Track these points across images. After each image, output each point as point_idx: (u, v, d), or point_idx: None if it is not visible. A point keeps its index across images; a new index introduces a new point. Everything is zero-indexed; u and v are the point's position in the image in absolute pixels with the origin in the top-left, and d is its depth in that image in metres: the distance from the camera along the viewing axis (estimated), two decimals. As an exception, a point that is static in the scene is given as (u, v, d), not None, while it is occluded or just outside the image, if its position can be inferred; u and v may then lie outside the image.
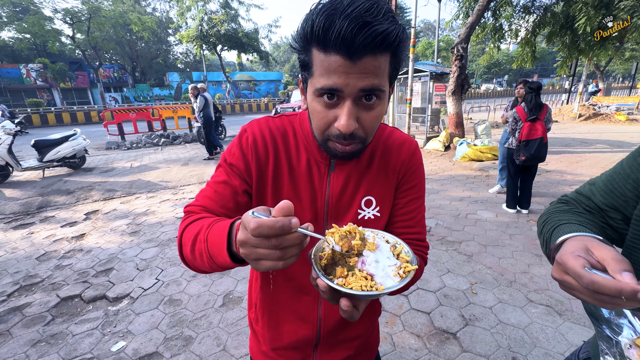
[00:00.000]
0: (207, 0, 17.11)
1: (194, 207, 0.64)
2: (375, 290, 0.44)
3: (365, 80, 0.49)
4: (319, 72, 0.51)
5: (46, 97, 25.67)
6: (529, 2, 8.35)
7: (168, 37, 34.30)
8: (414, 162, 0.72)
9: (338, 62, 0.48)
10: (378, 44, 0.47)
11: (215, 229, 0.50)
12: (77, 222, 4.02)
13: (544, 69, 51.17)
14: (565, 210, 0.67)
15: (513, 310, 2.21)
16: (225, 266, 0.49)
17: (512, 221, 3.68)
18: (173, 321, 2.21)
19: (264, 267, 0.41)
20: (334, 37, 0.46)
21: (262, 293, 0.78)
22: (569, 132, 9.78)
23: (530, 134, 3.42)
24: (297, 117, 0.72)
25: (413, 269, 0.48)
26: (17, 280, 2.73)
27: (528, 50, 8.84)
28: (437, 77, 8.35)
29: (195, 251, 0.53)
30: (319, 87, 0.51)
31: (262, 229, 0.37)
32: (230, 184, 0.65)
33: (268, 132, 0.68)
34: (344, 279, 0.46)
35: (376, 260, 0.48)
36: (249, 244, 0.39)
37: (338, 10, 0.46)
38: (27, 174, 6.57)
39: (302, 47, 0.53)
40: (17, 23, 17.28)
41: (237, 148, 0.68)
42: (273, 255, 0.39)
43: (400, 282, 0.45)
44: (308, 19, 0.49)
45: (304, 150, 0.68)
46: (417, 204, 0.73)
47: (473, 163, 6.41)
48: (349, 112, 0.51)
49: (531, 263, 2.79)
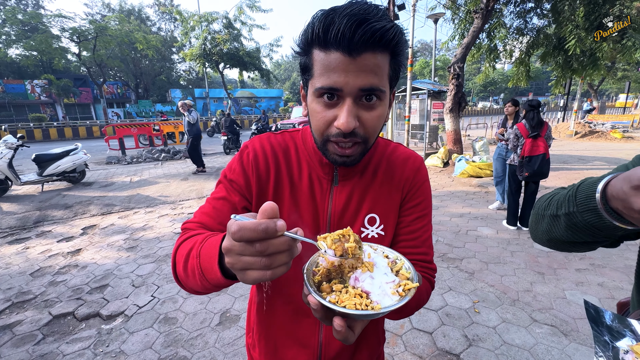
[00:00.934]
0: (211, 21, 17.66)
1: (191, 224, 0.63)
2: (371, 309, 0.40)
3: (364, 79, 0.50)
4: (319, 72, 0.51)
5: (49, 112, 25.99)
6: (522, 24, 8.65)
7: (172, 55, 35.15)
8: (419, 178, 0.70)
9: (338, 59, 0.49)
10: (377, 40, 0.48)
11: (208, 243, 0.48)
12: (73, 237, 3.97)
13: (539, 88, 52.32)
14: None
15: (517, 331, 2.15)
16: (217, 283, 0.47)
17: (513, 238, 3.65)
18: (168, 340, 2.15)
19: (251, 278, 0.38)
20: (334, 34, 0.47)
21: (258, 317, 0.74)
22: (566, 149, 9.88)
23: (532, 150, 3.46)
24: (299, 132, 0.72)
25: (414, 286, 0.43)
26: (8, 297, 2.67)
27: (522, 70, 9.08)
28: (434, 95, 8.53)
29: (187, 268, 0.51)
30: (319, 87, 0.52)
31: (244, 232, 0.35)
32: (230, 200, 0.64)
33: (269, 148, 0.68)
34: (337, 296, 0.42)
35: (371, 277, 0.44)
36: (233, 251, 0.37)
37: (337, 11, 0.48)
38: (26, 188, 6.55)
39: (303, 50, 0.54)
40: (25, 41, 17.71)
41: (237, 164, 0.67)
42: (259, 263, 0.36)
43: (400, 301, 0.41)
44: (309, 24, 0.51)
45: (306, 166, 0.67)
46: (422, 222, 0.69)
47: (472, 179, 6.43)
48: (349, 110, 0.51)
49: (534, 281, 2.75)
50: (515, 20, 8.68)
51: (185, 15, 17.78)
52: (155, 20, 34.34)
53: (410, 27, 8.11)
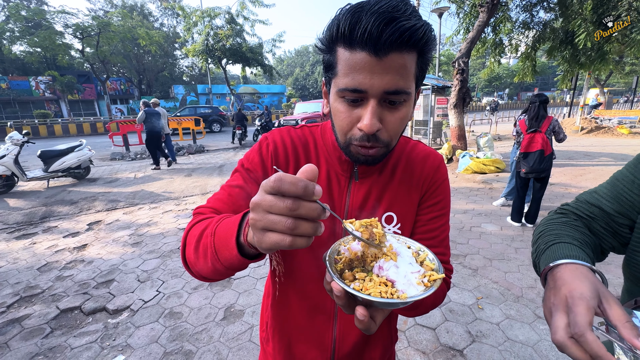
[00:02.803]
0: (213, 16, 17.59)
1: (204, 209, 0.62)
2: (397, 298, 0.39)
3: (390, 81, 0.48)
4: (344, 72, 0.50)
5: (54, 108, 26.16)
6: (528, 18, 8.52)
7: (174, 51, 35.11)
8: (439, 176, 0.68)
9: (364, 59, 0.47)
10: (405, 40, 0.46)
11: (225, 222, 0.47)
12: (79, 233, 4.02)
13: (545, 83, 51.66)
14: (563, 222, 0.66)
15: (521, 327, 2.15)
16: (230, 262, 0.45)
17: (517, 234, 3.63)
18: (173, 335, 2.17)
19: (269, 240, 0.35)
20: (360, 33, 0.45)
21: (273, 312, 0.74)
22: (572, 145, 9.77)
23: (529, 146, 3.41)
24: (318, 128, 0.71)
25: (439, 277, 0.42)
26: (17, 291, 2.71)
27: (528, 65, 8.96)
28: (438, 90, 8.45)
29: (199, 248, 0.50)
30: (343, 87, 0.50)
31: (284, 184, 0.33)
32: (246, 189, 0.63)
33: (290, 141, 0.67)
34: (361, 284, 0.41)
35: (395, 266, 0.43)
36: (261, 206, 0.35)
37: (365, 8, 0.46)
38: (32, 184, 6.61)
39: (328, 47, 0.52)
40: (28, 37, 17.78)
41: (256, 154, 0.66)
42: (283, 225, 0.34)
43: (426, 291, 0.39)
44: (335, 20, 0.49)
45: (325, 162, 0.67)
46: (440, 222, 0.68)
47: (476, 175, 6.39)
48: (373, 111, 0.50)
49: (538, 278, 2.73)
50: (522, 14, 8.55)
51: (188, 11, 17.74)
52: (157, 16, 34.25)
53: (415, 21, 8.01)
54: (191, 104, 31.58)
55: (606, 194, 0.65)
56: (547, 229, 0.65)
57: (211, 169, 7.90)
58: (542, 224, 0.70)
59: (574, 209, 0.70)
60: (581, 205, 0.69)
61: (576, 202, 0.71)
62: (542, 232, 0.66)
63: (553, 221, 0.68)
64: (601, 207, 0.65)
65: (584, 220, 0.67)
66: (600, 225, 0.65)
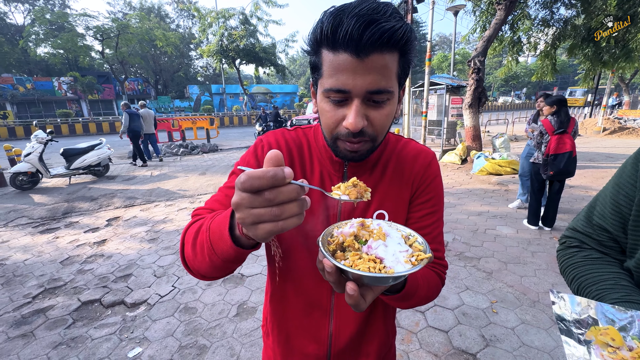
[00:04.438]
0: (228, 17, 17.85)
1: (201, 210, 0.64)
2: (385, 273, 0.40)
3: (372, 81, 0.50)
4: (328, 73, 0.52)
5: (75, 108, 27.14)
6: (548, 15, 8.27)
7: (190, 52, 35.82)
8: (430, 173, 0.69)
9: (346, 60, 0.49)
10: (385, 41, 0.47)
11: (219, 217, 0.49)
12: (99, 228, 4.16)
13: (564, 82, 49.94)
14: (594, 259, 0.64)
15: (537, 332, 2.10)
16: (227, 255, 0.46)
17: (534, 238, 3.54)
18: (188, 329, 2.23)
19: (263, 231, 0.37)
20: (342, 35, 0.47)
21: (272, 307, 0.77)
22: (593, 147, 9.43)
23: (558, 148, 3.32)
24: (311, 129, 0.73)
25: (427, 257, 0.43)
26: (41, 283, 2.84)
27: (548, 63, 8.70)
28: (453, 90, 8.31)
29: (197, 245, 0.51)
30: (327, 88, 0.52)
31: (253, 181, 0.34)
32: None
33: (284, 142, 0.69)
34: (351, 261, 0.43)
35: (384, 245, 0.45)
36: (242, 204, 0.36)
37: (346, 11, 0.47)
38: (55, 181, 6.89)
39: (313, 49, 0.54)
40: (52, 40, 18.50)
41: (252, 156, 0.68)
42: (270, 214, 0.36)
43: (413, 268, 0.41)
44: (318, 23, 0.51)
45: (318, 163, 0.69)
46: (432, 219, 0.68)
47: (491, 177, 6.26)
48: (357, 110, 0.52)
49: (556, 282, 2.67)
50: (541, 11, 8.31)
51: (203, 12, 18.04)
52: (174, 17, 35.04)
53: (429, 20, 7.91)
54: (205, 104, 32.12)
55: (610, 215, 0.63)
56: (580, 274, 0.64)
57: (225, 167, 8.03)
58: (567, 265, 0.69)
59: (585, 237, 0.68)
60: (590, 230, 0.67)
61: (583, 229, 0.69)
62: (577, 278, 0.65)
63: (579, 263, 0.67)
64: (611, 231, 0.64)
65: (600, 249, 0.66)
66: (617, 251, 0.64)
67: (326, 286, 0.68)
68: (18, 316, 2.39)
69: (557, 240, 3.38)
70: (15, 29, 26.93)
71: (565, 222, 3.94)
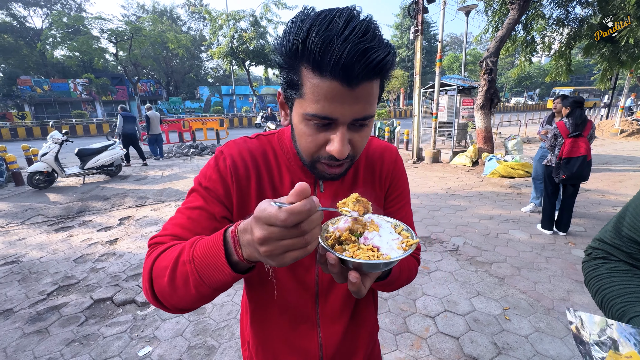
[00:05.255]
0: (238, 19, 18.04)
1: (162, 238, 0.57)
2: (383, 259, 0.45)
3: (360, 110, 0.48)
4: (312, 97, 0.47)
5: (89, 109, 27.84)
6: (563, 14, 8.08)
7: (200, 54, 36.33)
8: (398, 169, 0.73)
9: (335, 89, 0.46)
10: (377, 71, 0.46)
11: (202, 244, 0.46)
12: (111, 227, 4.24)
13: (580, 82, 48.69)
14: (621, 272, 0.62)
15: (552, 341, 2.04)
16: (222, 283, 0.45)
17: (548, 243, 3.45)
18: (197, 329, 2.25)
19: (290, 258, 0.38)
20: (334, 62, 0.43)
21: (254, 328, 0.73)
22: (610, 149, 9.15)
23: (572, 151, 3.23)
24: (274, 136, 0.69)
25: (414, 242, 0.49)
26: (56, 281, 2.90)
27: (562, 63, 8.50)
28: (464, 91, 8.19)
29: (176, 278, 0.47)
30: (312, 113, 0.48)
31: (294, 217, 0.35)
32: (208, 210, 0.59)
33: (248, 153, 0.65)
34: (352, 252, 0.47)
35: (379, 235, 0.49)
36: (273, 238, 0.36)
37: (334, 31, 0.43)
38: (69, 180, 7.06)
39: (289, 63, 0.49)
40: (68, 42, 19.01)
41: (214, 171, 0.62)
42: (302, 242, 0.37)
43: (405, 252, 0.46)
44: (299, 36, 0.45)
45: (287, 172, 0.65)
46: (405, 209, 0.73)
47: (503, 180, 6.14)
48: (343, 137, 0.50)
49: (571, 290, 2.59)
50: (555, 10, 8.13)
51: (214, 14, 18.28)
52: (185, 20, 35.59)
53: (440, 20, 7.82)
54: (215, 105, 32.49)
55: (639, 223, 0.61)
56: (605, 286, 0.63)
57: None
58: (592, 276, 0.67)
59: (612, 249, 0.66)
60: (618, 242, 0.65)
61: (612, 240, 0.67)
62: (602, 290, 0.63)
63: (604, 275, 0.65)
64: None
65: (630, 262, 0.63)
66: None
67: (310, 298, 0.68)
68: (33, 313, 2.45)
69: (575, 245, 3.29)
70: (33, 33, 27.78)
71: (580, 227, 3.83)
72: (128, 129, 8.22)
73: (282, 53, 0.49)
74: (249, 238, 0.40)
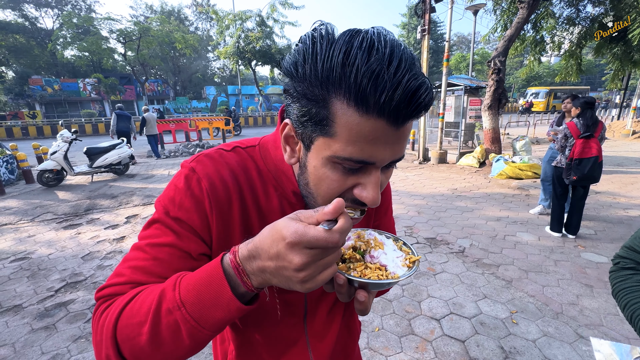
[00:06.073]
0: (245, 19, 18.14)
1: (118, 288, 0.45)
2: (392, 278, 0.45)
3: (399, 151, 0.43)
4: (347, 137, 0.39)
5: (98, 108, 28.26)
6: (574, 13, 7.94)
7: (207, 54, 36.61)
8: None
9: (379, 129, 0.39)
10: (425, 109, 0.41)
11: (191, 284, 0.39)
12: (118, 225, 4.29)
13: (590, 82, 47.84)
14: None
15: (560, 346, 2.00)
16: (224, 323, 0.40)
17: (557, 246, 3.39)
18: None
19: (322, 280, 0.37)
20: (384, 99, 0.36)
21: None
22: (622, 150, 8.97)
23: (584, 152, 3.17)
24: (255, 149, 0.58)
25: (417, 259, 0.49)
26: (64, 277, 2.94)
27: (573, 63, 8.37)
28: (471, 90, 8.10)
29: (161, 333, 0.39)
30: (345, 157, 0.41)
31: (344, 235, 0.35)
32: (181, 247, 0.48)
33: (227, 170, 0.52)
34: (360, 272, 0.47)
35: (384, 253, 0.50)
36: (314, 260, 0.35)
37: (380, 60, 0.36)
38: (78, 178, 7.17)
39: (313, 93, 0.40)
40: (78, 43, 19.34)
41: (186, 196, 0.49)
42: (337, 256, 0.37)
43: (411, 270, 0.47)
44: (330, 58, 0.37)
45: (274, 193, 0.55)
46: (390, 217, 0.74)
47: (511, 181, 6.05)
48: (378, 183, 0.44)
49: (580, 294, 2.54)
50: (566, 9, 8.00)
51: (221, 15, 18.40)
52: (192, 20, 35.90)
53: (448, 19, 7.75)
54: (221, 105, 32.70)
55: None
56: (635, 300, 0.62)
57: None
58: (620, 288, 0.66)
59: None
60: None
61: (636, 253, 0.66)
62: (631, 304, 0.62)
63: (634, 287, 0.64)
64: None
65: None
66: None
67: (298, 320, 0.64)
68: (41, 309, 2.48)
69: (584, 249, 3.23)
70: (44, 33, 28.30)
71: (590, 229, 3.75)
72: (122, 127, 8.53)
73: (304, 79, 0.40)
74: (268, 265, 0.37)
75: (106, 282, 0.47)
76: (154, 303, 0.39)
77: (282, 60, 0.44)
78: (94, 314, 0.45)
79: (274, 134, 0.58)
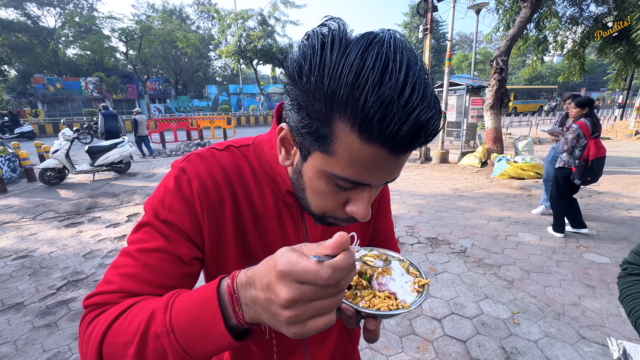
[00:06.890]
0: (246, 18, 18.13)
1: (107, 297, 0.44)
2: (402, 307, 0.43)
3: (395, 173, 0.41)
4: (346, 160, 0.38)
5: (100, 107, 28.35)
6: (577, 13, 7.90)
7: (209, 53, 36.63)
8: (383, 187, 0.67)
9: (380, 158, 0.37)
10: (430, 141, 0.39)
11: (182, 308, 0.36)
12: (119, 224, 4.30)
13: (593, 82, 47.64)
14: None
15: (562, 347, 1.99)
16: (212, 355, 0.37)
17: (559, 246, 3.37)
18: (202, 327, 2.25)
19: (316, 327, 0.31)
20: (390, 132, 0.34)
21: None
22: (624, 151, 8.92)
23: (598, 152, 3.16)
24: (249, 148, 0.56)
25: (426, 282, 0.47)
26: (65, 276, 2.95)
27: (576, 63, 8.33)
28: (473, 90, 8.08)
29: (146, 357, 0.37)
30: (343, 177, 0.39)
31: (339, 274, 0.30)
32: (171, 252, 0.46)
33: (219, 170, 0.51)
34: (368, 302, 0.45)
35: (392, 279, 0.47)
36: (303, 299, 0.30)
37: (392, 87, 0.33)
38: (80, 177, 7.18)
39: (316, 108, 0.37)
40: (80, 41, 19.38)
41: (176, 198, 0.47)
42: (334, 304, 0.32)
43: (420, 297, 0.45)
44: (338, 75, 0.34)
45: (270, 193, 0.54)
46: (389, 218, 0.74)
47: (513, 181, 6.03)
48: (370, 200, 0.43)
49: (583, 295, 2.52)
50: (569, 9, 7.96)
51: (223, 14, 18.41)
52: (194, 19, 35.91)
53: (450, 19, 7.72)
54: (223, 104, 32.73)
55: None
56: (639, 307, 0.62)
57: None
58: (627, 294, 0.66)
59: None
60: None
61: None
62: (636, 310, 0.62)
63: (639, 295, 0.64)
64: None
65: None
66: None
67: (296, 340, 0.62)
68: (43, 307, 2.49)
69: (586, 249, 3.21)
70: (47, 32, 28.36)
71: (592, 230, 3.73)
72: (111, 126, 8.31)
73: (308, 91, 0.37)
74: (260, 297, 0.33)
75: (95, 290, 0.45)
76: (143, 324, 0.37)
77: (286, 57, 0.40)
78: (81, 321, 0.43)
79: (269, 133, 0.55)
